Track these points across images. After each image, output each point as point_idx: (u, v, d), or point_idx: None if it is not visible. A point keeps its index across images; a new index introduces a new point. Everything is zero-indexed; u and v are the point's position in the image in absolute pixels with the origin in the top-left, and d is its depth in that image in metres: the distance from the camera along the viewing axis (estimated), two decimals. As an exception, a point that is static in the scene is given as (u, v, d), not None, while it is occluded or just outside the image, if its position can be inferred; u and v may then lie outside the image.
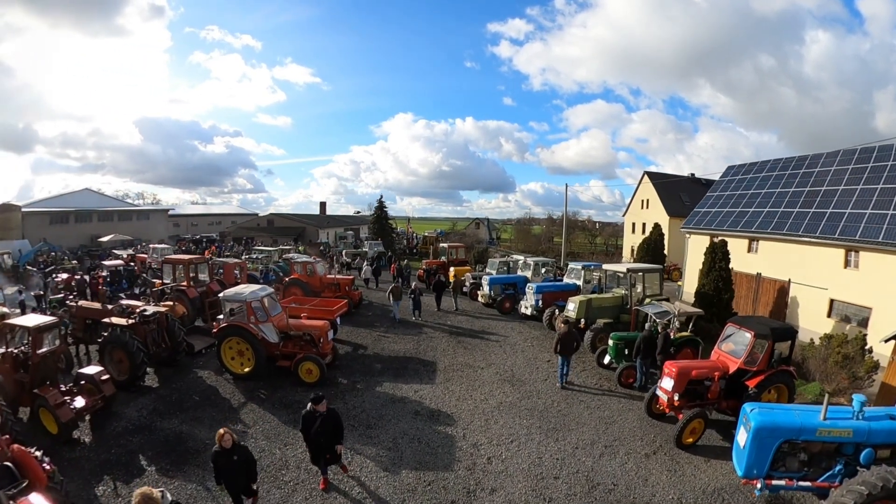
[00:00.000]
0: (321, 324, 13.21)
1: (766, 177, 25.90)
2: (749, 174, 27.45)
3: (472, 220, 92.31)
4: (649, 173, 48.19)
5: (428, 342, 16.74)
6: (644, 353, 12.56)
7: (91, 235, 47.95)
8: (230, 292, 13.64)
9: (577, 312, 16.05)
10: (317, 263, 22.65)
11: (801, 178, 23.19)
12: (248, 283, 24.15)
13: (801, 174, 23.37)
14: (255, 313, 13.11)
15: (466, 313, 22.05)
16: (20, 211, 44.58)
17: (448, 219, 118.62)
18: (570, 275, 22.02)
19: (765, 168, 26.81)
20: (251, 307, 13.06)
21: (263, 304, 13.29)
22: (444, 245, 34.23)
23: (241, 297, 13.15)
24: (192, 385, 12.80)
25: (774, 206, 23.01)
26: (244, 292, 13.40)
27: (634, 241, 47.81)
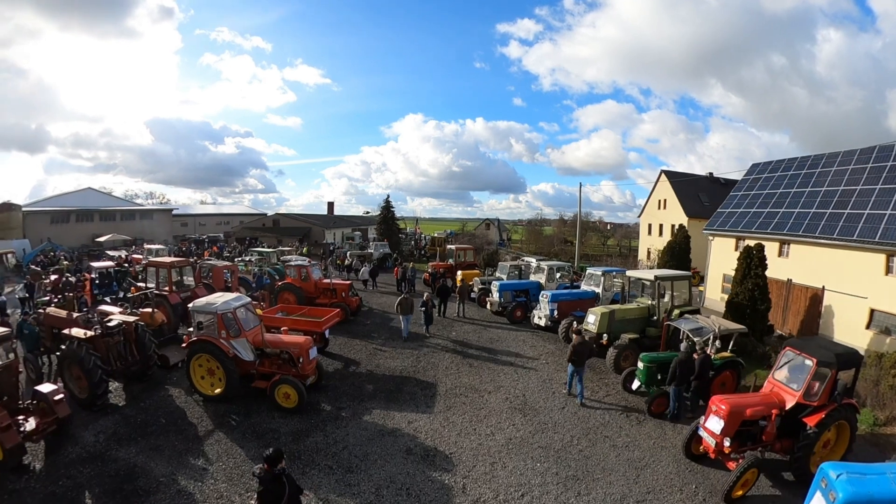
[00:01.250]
0: (302, 340, 11.48)
1: (794, 175, 24.05)
2: (776, 172, 25.55)
3: (483, 221, 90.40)
4: (667, 172, 46.01)
5: (429, 358, 14.95)
6: (679, 378, 10.67)
7: (92, 235, 47.08)
8: (200, 302, 12.00)
9: (598, 326, 14.18)
10: (311, 267, 20.96)
11: (832, 175, 21.36)
12: (239, 288, 22.70)
13: (833, 172, 21.53)
14: (226, 327, 11.44)
15: (473, 321, 20.24)
16: (21, 210, 43.96)
17: (458, 219, 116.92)
18: (589, 281, 20.12)
19: (792, 165, 24.91)
20: (222, 320, 11.40)
21: (236, 317, 11.61)
22: (452, 247, 32.41)
23: (211, 308, 11.51)
24: (161, 404, 11.37)
25: (805, 207, 21.29)
26: (215, 302, 11.75)
27: (651, 242, 46.20)
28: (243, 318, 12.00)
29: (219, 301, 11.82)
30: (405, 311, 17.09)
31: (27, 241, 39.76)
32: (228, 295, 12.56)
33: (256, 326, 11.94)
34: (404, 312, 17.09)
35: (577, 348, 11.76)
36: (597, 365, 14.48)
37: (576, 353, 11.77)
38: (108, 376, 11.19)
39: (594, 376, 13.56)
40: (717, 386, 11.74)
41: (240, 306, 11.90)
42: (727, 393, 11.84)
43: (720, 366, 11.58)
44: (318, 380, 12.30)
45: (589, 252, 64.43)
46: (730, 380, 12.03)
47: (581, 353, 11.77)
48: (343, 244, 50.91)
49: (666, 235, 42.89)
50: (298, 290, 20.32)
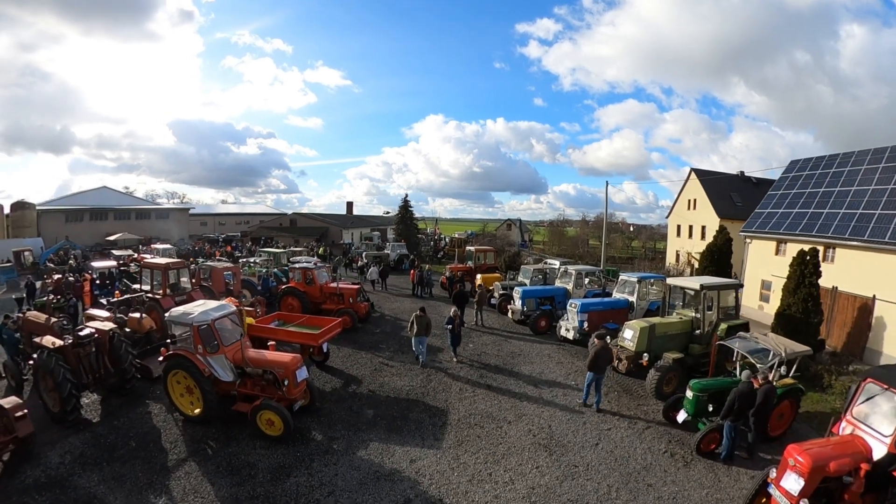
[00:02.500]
0: (288, 359, 10.01)
1: (836, 172, 22.03)
2: (817, 169, 23.51)
3: (504, 222, 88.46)
4: (696, 170, 43.67)
5: (440, 376, 13.34)
6: (737, 413, 8.86)
7: (106, 234, 47.03)
8: (176, 311, 10.72)
9: (637, 343, 12.38)
10: (317, 269, 19.60)
11: (880, 173, 19.37)
12: (242, 291, 21.52)
13: (881, 169, 19.49)
14: (203, 341, 10.09)
15: (493, 331, 18.57)
16: (35, 209, 44.32)
17: (479, 220, 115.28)
18: (621, 288, 18.23)
19: (834, 162, 22.79)
20: (198, 333, 10.05)
21: (215, 330, 10.24)
22: (471, 248, 30.74)
23: (187, 320, 10.21)
24: (137, 423, 10.33)
25: (851, 207, 19.39)
26: (192, 312, 10.42)
27: (680, 245, 44.10)
28: (225, 331, 10.66)
29: (196, 311, 10.50)
30: (420, 332, 14.07)
31: (40, 239, 39.94)
32: (210, 303, 11.24)
33: (236, 342, 10.52)
34: (419, 333, 14.07)
35: (600, 354, 11.01)
36: (634, 388, 12.68)
37: (597, 360, 11.00)
38: (78, 390, 10.25)
39: (631, 402, 11.77)
40: (775, 418, 9.89)
41: (220, 317, 10.57)
42: (784, 425, 10.16)
43: (780, 394, 9.70)
44: (311, 401, 10.86)
45: (615, 254, 62.06)
46: (788, 410, 10.15)
47: (603, 359, 11.06)
48: (360, 245, 49.81)
49: (696, 237, 40.90)
50: (303, 294, 19.01)
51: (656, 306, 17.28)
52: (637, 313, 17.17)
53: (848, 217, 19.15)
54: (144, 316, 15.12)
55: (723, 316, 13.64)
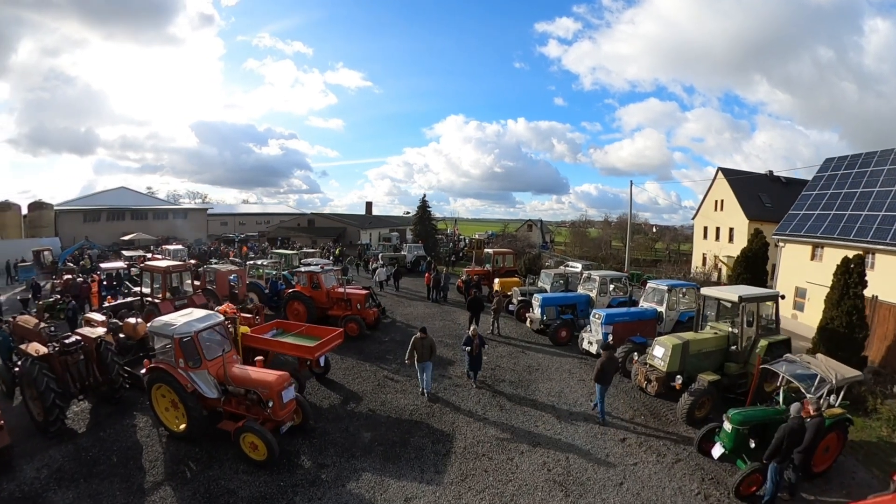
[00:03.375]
0: (272, 378, 9.19)
1: (875, 171, 20.79)
2: (853, 168, 22.23)
3: (525, 222, 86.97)
4: (724, 170, 42.18)
5: (448, 394, 12.37)
6: (785, 452, 7.67)
7: (122, 234, 47.52)
8: (158, 322, 10.07)
9: (668, 362, 11.18)
10: (324, 273, 18.85)
11: None
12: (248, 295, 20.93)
13: None
14: (185, 355, 9.38)
15: (509, 342, 17.53)
16: (52, 209, 45.02)
17: (500, 220, 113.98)
18: (650, 297, 16.94)
19: (872, 160, 21.46)
20: (179, 346, 9.34)
21: (198, 343, 9.51)
22: (489, 250, 29.65)
23: (168, 331, 9.53)
24: (121, 436, 9.90)
25: (892, 209, 18.31)
26: (174, 323, 9.75)
27: (707, 247, 42.78)
28: (209, 344, 9.93)
29: (179, 322, 9.85)
30: (422, 358, 11.85)
31: (57, 239, 40.50)
32: (197, 313, 10.53)
33: (219, 357, 9.75)
34: (421, 359, 11.87)
35: (605, 366, 10.70)
36: (662, 410, 11.51)
37: (603, 371, 10.69)
38: (62, 400, 9.80)
39: (659, 429, 10.60)
40: (820, 452, 8.63)
41: (205, 329, 9.86)
42: (830, 459, 8.89)
43: (828, 426, 8.43)
44: (303, 420, 10.05)
45: (639, 257, 60.09)
46: (835, 443, 8.86)
47: (609, 371, 10.77)
48: (377, 245, 49.21)
49: (723, 239, 39.94)
50: (308, 299, 18.29)
51: (687, 317, 16.01)
52: (666, 325, 15.91)
53: (889, 220, 18.12)
54: (139, 321, 14.63)
55: (762, 331, 12.36)
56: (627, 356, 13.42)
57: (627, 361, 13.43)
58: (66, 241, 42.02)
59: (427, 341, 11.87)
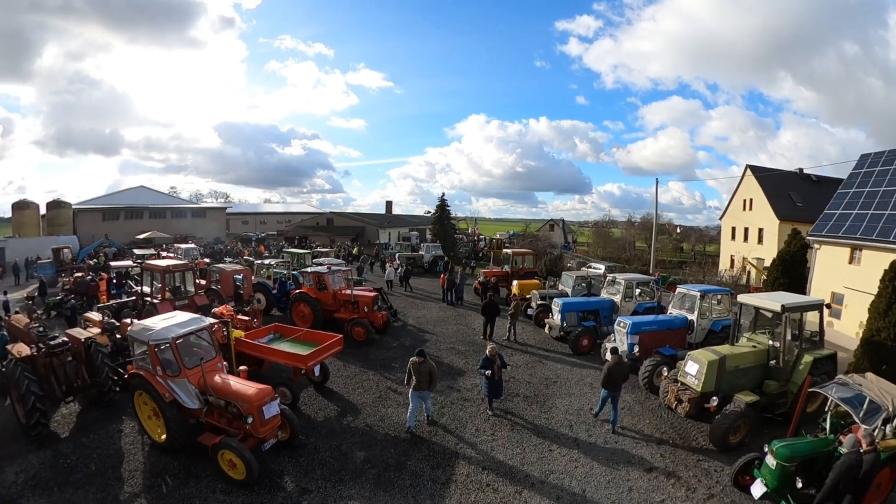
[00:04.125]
0: (252, 392, 8.46)
1: None
2: (892, 164, 20.67)
3: (546, 222, 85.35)
4: (753, 167, 40.55)
5: (456, 409, 11.43)
6: (843, 491, 6.54)
7: (141, 232, 48.02)
8: (138, 326, 9.60)
9: (703, 381, 10.02)
10: (331, 274, 18.13)
11: None
12: (254, 296, 20.40)
13: None
14: (161, 362, 8.72)
15: (526, 350, 16.51)
16: (70, 208, 45.89)
17: (522, 220, 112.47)
18: (680, 303, 15.68)
19: None
20: (156, 352, 8.68)
21: (176, 350, 8.85)
22: (508, 251, 28.57)
23: (144, 336, 8.98)
24: (103, 443, 9.51)
25: None
26: (153, 328, 9.20)
27: (735, 249, 41.21)
28: (191, 350, 9.28)
29: (157, 327, 9.29)
30: (420, 386, 9.94)
31: (75, 237, 41.03)
32: (180, 317, 9.98)
33: (198, 365, 9.05)
34: (419, 387, 9.95)
35: (613, 371, 10.18)
36: (692, 433, 10.37)
37: (611, 376, 10.17)
38: (44, 403, 9.41)
39: (689, 457, 9.46)
40: (872, 489, 7.36)
41: (185, 334, 9.18)
42: (881, 496, 7.52)
43: (883, 460, 7.19)
44: (291, 436, 9.28)
45: (664, 258, 58.07)
46: (887, 478, 7.53)
47: (617, 376, 10.22)
48: (395, 245, 48.59)
49: (752, 240, 38.55)
50: (314, 301, 17.60)
51: (720, 326, 14.72)
52: (697, 335, 14.65)
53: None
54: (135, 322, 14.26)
55: (806, 344, 11.11)
56: (655, 370, 12.30)
57: (655, 376, 12.31)
58: (85, 239, 42.69)
59: (426, 367, 9.93)
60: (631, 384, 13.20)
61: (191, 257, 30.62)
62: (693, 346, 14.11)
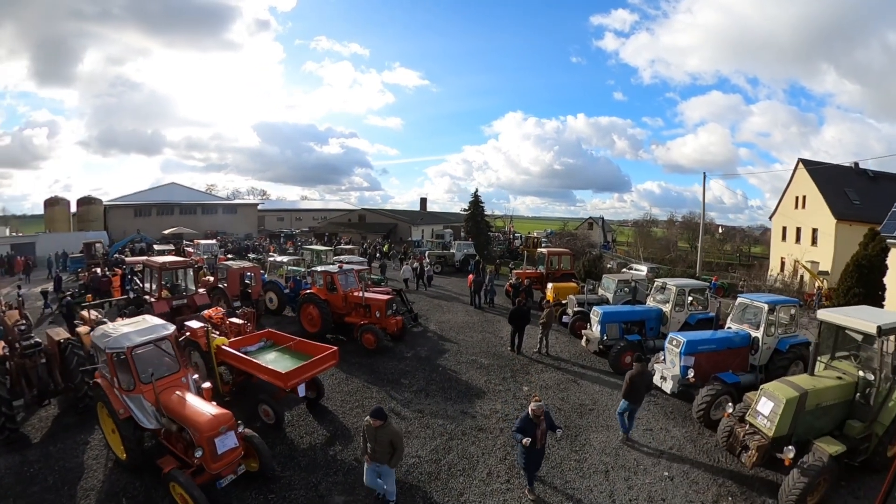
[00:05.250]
0: (204, 420, 7.05)
1: None
2: None
3: (585, 220, 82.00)
4: (805, 161, 37.25)
5: (465, 444, 9.54)
6: None
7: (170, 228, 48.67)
8: (99, 331, 8.46)
9: (776, 424, 7.83)
10: (340, 274, 16.61)
11: None
12: (261, 295, 19.17)
13: None
14: (117, 373, 7.81)
15: (559, 365, 14.51)
16: (101, 204, 47.18)
17: (560, 219, 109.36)
18: (741, 316, 13.14)
19: None
20: (112, 361, 7.82)
21: (130, 361, 7.61)
22: (543, 250, 26.41)
23: (102, 343, 7.98)
24: (70, 453, 8.84)
25: None
26: (112, 334, 8.10)
27: (787, 251, 38.25)
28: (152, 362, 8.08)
29: (116, 332, 8.14)
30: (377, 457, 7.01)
31: (104, 233, 41.85)
32: (149, 321, 8.89)
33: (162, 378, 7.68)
34: (376, 458, 7.02)
35: (636, 381, 9.27)
36: (755, 485, 8.17)
37: (633, 387, 9.26)
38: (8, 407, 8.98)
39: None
40: None
41: (144, 343, 7.91)
42: None
43: None
44: (262, 467, 7.75)
45: (711, 260, 54.24)
46: None
47: (640, 387, 9.33)
48: (426, 243, 47.12)
49: (805, 242, 36.08)
50: (324, 303, 16.16)
51: (787, 345, 12.17)
52: (762, 356, 12.16)
53: None
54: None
55: (894, 374, 8.73)
56: (714, 402, 10.12)
57: (712, 408, 10.15)
58: (116, 234, 43.51)
59: (385, 433, 6.88)
60: (681, 413, 11.08)
61: (211, 253, 30.02)
62: (756, 370, 11.88)
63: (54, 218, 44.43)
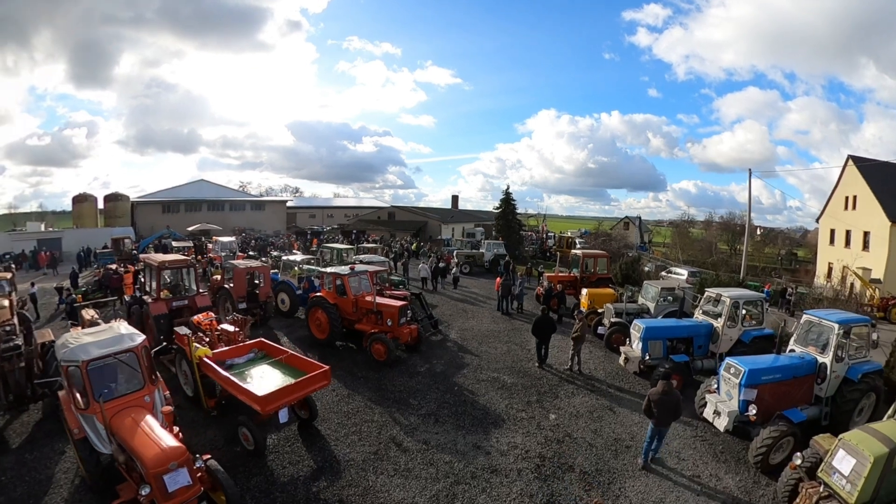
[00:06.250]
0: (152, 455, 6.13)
1: None
2: None
3: (621, 220, 78.73)
4: (855, 158, 34.38)
5: (473, 491, 8.04)
6: None
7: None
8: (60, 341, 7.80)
9: (861, 488, 6.01)
10: (351, 276, 15.35)
11: None
12: (270, 296, 18.13)
13: None
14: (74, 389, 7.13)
15: (592, 386, 12.85)
16: (128, 200, 48.65)
17: (595, 218, 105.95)
18: (807, 338, 11.04)
19: None
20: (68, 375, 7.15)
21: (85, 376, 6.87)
22: (577, 252, 24.53)
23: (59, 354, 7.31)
24: (41, 464, 8.36)
25: None
26: (69, 344, 7.27)
27: (835, 255, 35.05)
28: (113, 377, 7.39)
29: (76, 342, 7.30)
30: None
31: (130, 229, 42.46)
32: (116, 330, 7.96)
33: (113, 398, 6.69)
34: None
35: (660, 403, 8.30)
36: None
37: (662, 408, 8.28)
38: None
39: None
40: None
41: (101, 357, 7.15)
42: None
43: None
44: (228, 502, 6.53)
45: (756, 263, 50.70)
46: None
47: (665, 410, 8.31)
48: (455, 242, 45.70)
49: (855, 246, 33.27)
50: (332, 308, 14.98)
51: (858, 374, 10.04)
52: (830, 386, 10.15)
53: None
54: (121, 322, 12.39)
55: None
56: (776, 446, 8.35)
57: (773, 451, 8.38)
58: (144, 230, 44.19)
59: None
60: (733, 454, 9.29)
61: (229, 250, 29.46)
62: (822, 402, 10.05)
63: (82, 214, 45.66)
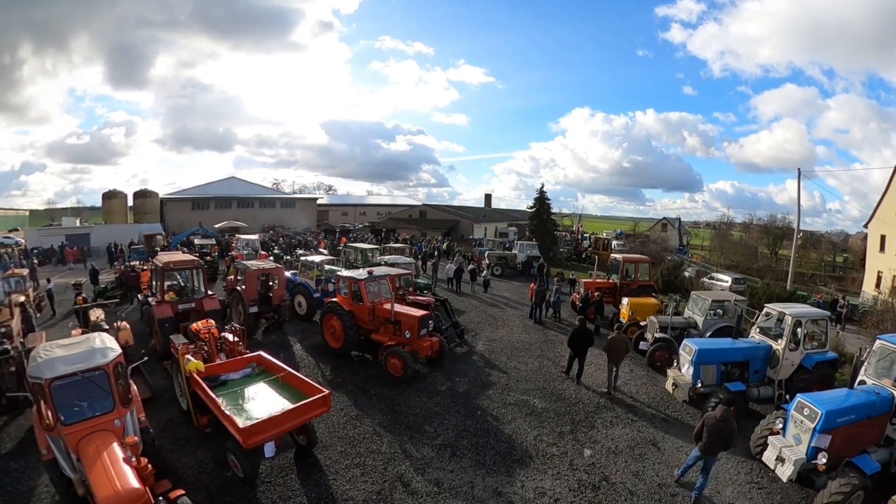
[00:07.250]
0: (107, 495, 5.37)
1: None
2: None
3: (658, 221, 75.48)
4: None
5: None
6: None
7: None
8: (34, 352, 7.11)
9: None
10: (367, 281, 14.32)
11: None
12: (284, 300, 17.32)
13: None
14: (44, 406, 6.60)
15: (634, 414, 11.37)
16: (157, 197, 49.74)
17: (629, 219, 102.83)
18: (879, 367, 9.30)
19: None
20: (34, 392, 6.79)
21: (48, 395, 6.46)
22: (617, 256, 22.87)
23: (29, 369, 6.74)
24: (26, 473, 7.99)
25: None
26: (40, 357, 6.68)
27: (886, 263, 32.68)
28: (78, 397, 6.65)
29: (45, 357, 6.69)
30: None
31: (159, 225, 43.45)
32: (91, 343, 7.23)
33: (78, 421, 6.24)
34: None
35: (718, 428, 7.47)
36: None
37: (714, 435, 7.47)
38: None
39: None
40: None
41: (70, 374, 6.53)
42: None
43: None
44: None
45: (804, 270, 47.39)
46: None
47: (721, 437, 7.47)
48: (487, 242, 44.37)
49: None
50: (347, 315, 14.02)
51: None
52: None
53: None
54: (124, 325, 12.25)
55: None
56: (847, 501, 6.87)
57: None
58: (173, 227, 45.12)
59: None
60: None
61: (252, 249, 29.06)
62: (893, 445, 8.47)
63: (111, 210, 46.80)
